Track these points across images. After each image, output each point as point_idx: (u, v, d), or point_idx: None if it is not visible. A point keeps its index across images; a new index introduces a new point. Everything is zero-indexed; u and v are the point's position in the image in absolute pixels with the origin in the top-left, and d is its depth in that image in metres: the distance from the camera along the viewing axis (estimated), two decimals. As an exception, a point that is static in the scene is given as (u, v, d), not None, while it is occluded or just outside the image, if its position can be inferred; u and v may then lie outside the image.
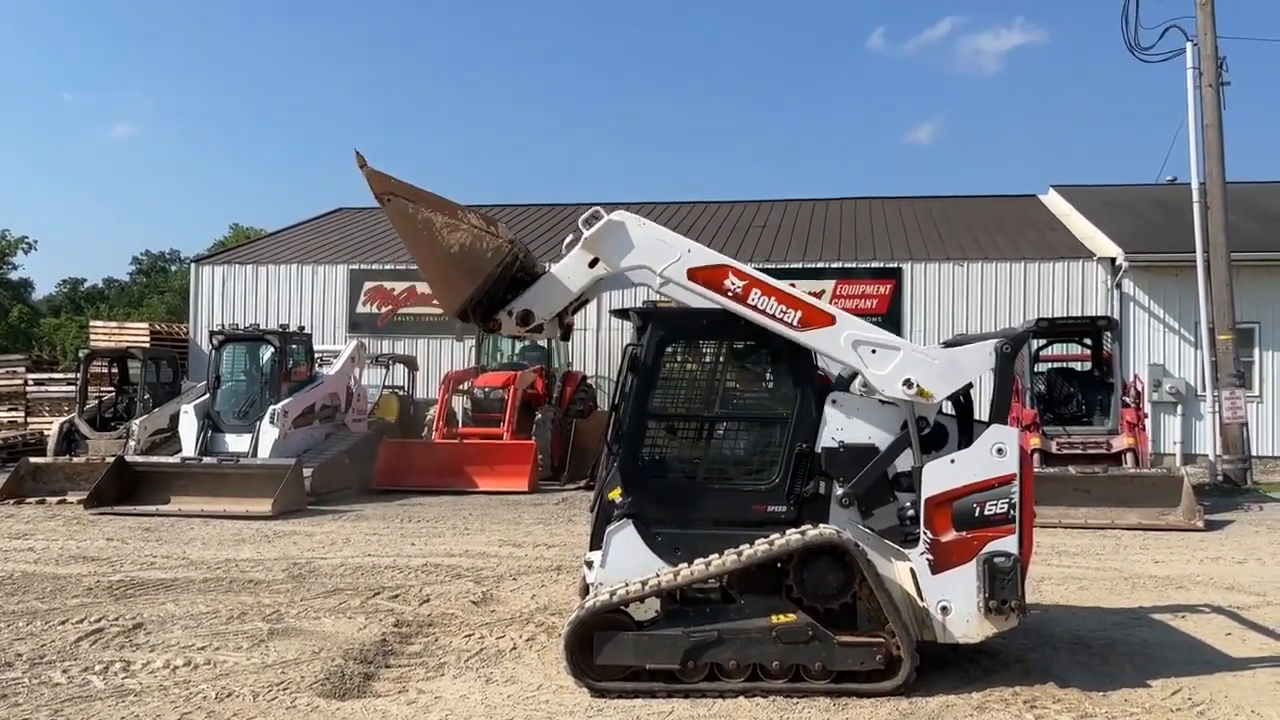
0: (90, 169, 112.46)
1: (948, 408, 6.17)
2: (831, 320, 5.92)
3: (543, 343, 19.09)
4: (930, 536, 5.65)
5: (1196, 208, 17.60)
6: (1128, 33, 17.95)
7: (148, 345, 21.05)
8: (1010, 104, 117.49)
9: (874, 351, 5.86)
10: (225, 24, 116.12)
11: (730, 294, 5.91)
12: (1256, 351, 19.74)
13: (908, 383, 5.76)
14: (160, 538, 11.16)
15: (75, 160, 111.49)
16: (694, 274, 5.96)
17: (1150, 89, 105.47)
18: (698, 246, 6.03)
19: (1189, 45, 17.53)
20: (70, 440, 16.79)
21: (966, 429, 6.07)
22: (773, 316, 5.88)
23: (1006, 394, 5.89)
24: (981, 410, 6.06)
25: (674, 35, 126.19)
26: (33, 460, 15.01)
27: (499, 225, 6.00)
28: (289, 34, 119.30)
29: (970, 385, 6.04)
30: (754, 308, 5.89)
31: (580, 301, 6.36)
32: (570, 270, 6.14)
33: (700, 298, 6.04)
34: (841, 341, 5.87)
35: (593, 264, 6.09)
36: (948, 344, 6.25)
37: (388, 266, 23.04)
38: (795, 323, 5.87)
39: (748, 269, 5.99)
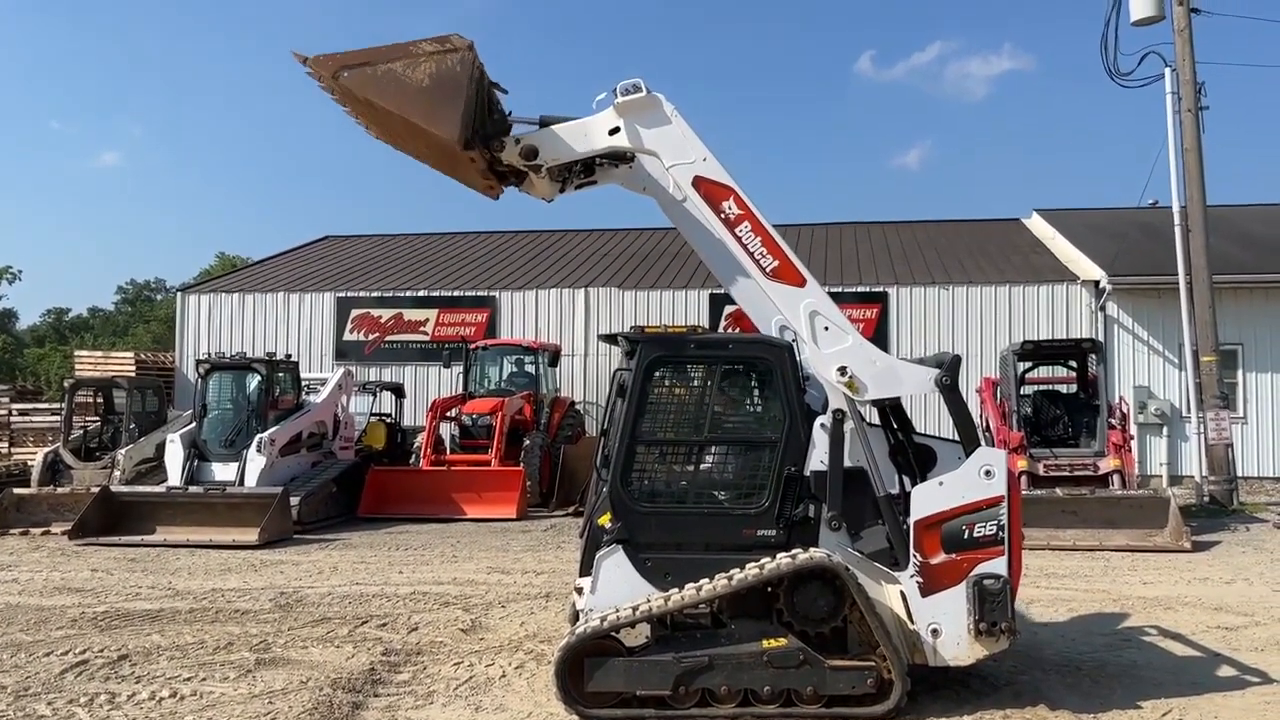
0: (76, 198, 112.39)
1: (874, 416, 6.24)
2: (802, 283, 6.01)
3: (530, 369, 19.11)
4: (920, 559, 5.65)
5: (1178, 231, 17.76)
6: (1107, 59, 18.14)
7: (133, 374, 20.95)
8: (997, 128, 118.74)
9: (826, 329, 5.96)
10: (213, 54, 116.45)
11: (722, 216, 6.01)
12: (1240, 373, 19.90)
13: (842, 370, 5.85)
14: (146, 568, 11.07)
15: (61, 189, 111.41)
16: (699, 182, 6.04)
17: (1133, 114, 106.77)
18: (713, 159, 6.08)
19: (1168, 71, 17.73)
20: (55, 471, 16.63)
21: (903, 447, 6.17)
22: (750, 254, 5.98)
23: (968, 422, 5.93)
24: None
25: (657, 56, 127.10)
26: (17, 491, 14.84)
27: (453, 36, 5.80)
28: (277, 63, 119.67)
29: (899, 399, 6.14)
30: (737, 239, 6.00)
31: (585, 175, 6.33)
32: (591, 127, 6.13)
33: (690, 210, 6.09)
34: (801, 306, 5.96)
35: (613, 132, 6.09)
36: None
37: (374, 294, 23.06)
38: (768, 269, 5.98)
39: (750, 203, 6.04)
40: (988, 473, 5.66)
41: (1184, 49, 17.44)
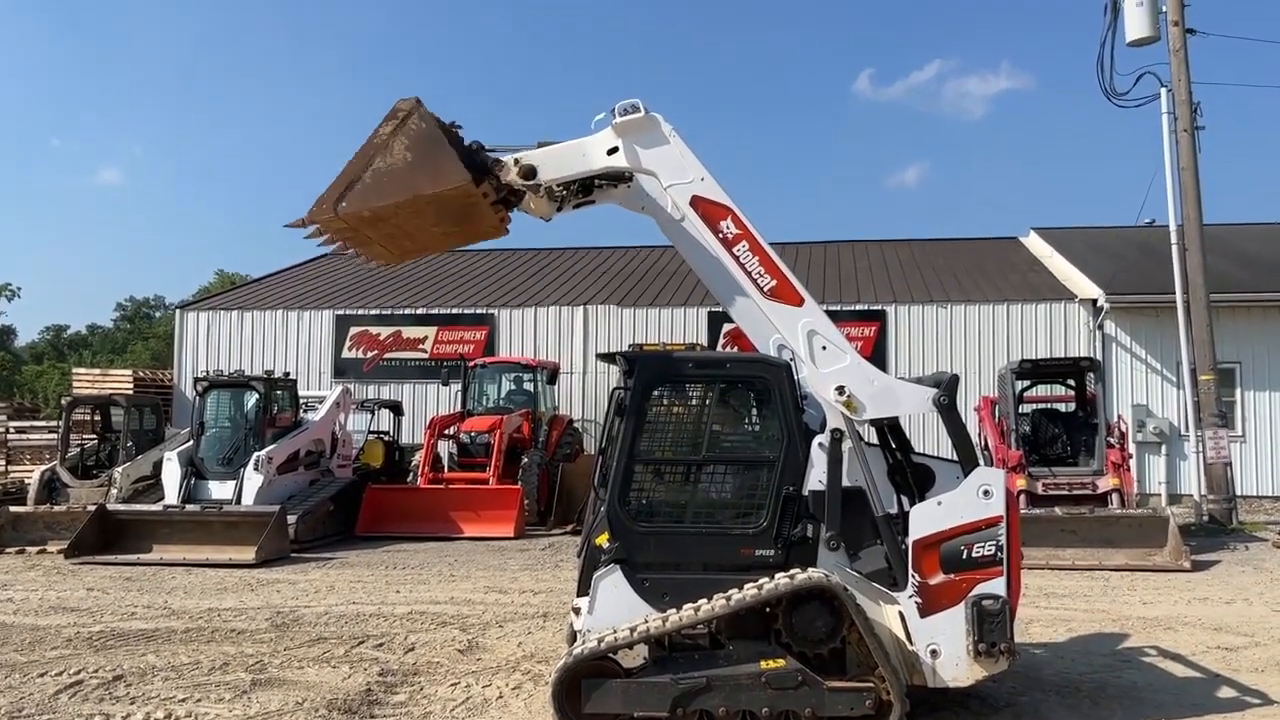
0: (76, 215, 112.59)
1: (872, 436, 6.25)
2: (800, 302, 6.04)
3: (529, 387, 19.10)
4: (918, 579, 5.63)
5: (1175, 249, 17.80)
6: (1104, 79, 18.22)
7: (131, 392, 20.92)
8: (995, 147, 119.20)
9: (824, 348, 5.97)
10: (214, 71, 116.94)
11: (720, 236, 6.04)
12: (1238, 391, 19.91)
13: (840, 389, 5.84)
14: (141, 587, 11.02)
15: (61, 206, 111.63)
16: (697, 202, 6.07)
17: (1130, 133, 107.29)
18: (711, 179, 6.12)
19: (1163, 91, 17.82)
20: (51, 489, 16.58)
21: (901, 467, 6.17)
22: (747, 274, 6.02)
23: (966, 441, 5.93)
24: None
25: (654, 74, 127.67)
26: (13, 509, 14.81)
27: (398, 104, 5.95)
28: (276, 80, 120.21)
29: (897, 418, 6.14)
30: (735, 258, 6.03)
31: (583, 195, 6.38)
32: (589, 147, 6.18)
33: (688, 230, 6.11)
34: (799, 326, 5.98)
35: (611, 151, 6.13)
36: None
37: (373, 311, 23.06)
38: (765, 289, 6.01)
39: (748, 223, 6.07)
40: (986, 492, 5.65)
41: (1179, 69, 17.54)
